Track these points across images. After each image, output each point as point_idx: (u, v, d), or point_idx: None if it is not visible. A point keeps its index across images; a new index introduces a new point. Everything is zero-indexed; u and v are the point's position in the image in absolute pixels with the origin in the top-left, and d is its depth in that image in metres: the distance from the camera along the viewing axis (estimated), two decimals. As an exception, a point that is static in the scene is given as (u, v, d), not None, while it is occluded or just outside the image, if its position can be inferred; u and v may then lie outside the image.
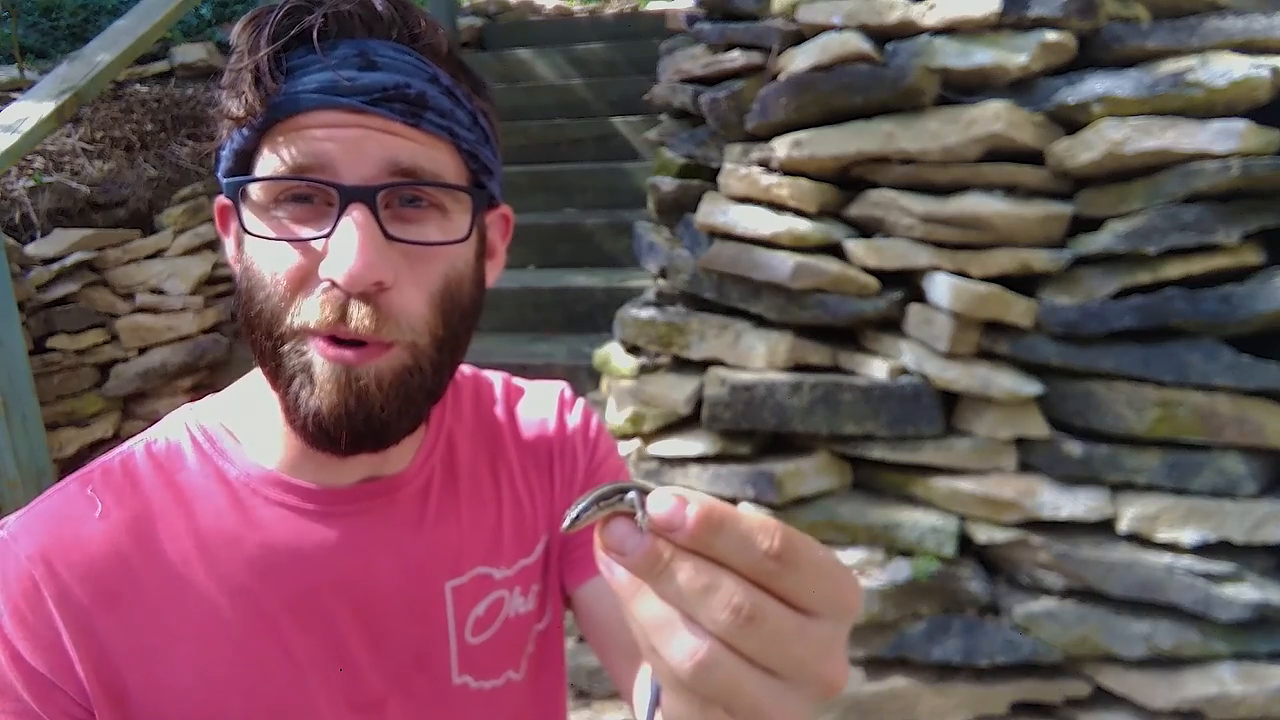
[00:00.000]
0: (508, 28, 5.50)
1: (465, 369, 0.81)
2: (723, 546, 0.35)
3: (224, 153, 0.63)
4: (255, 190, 0.60)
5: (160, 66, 3.88)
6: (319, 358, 0.59)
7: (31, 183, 2.98)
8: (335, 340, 0.59)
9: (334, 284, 0.58)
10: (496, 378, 0.84)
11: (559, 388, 0.84)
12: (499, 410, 0.81)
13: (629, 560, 0.36)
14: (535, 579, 0.77)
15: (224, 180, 0.62)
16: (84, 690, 0.60)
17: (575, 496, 0.78)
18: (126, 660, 0.61)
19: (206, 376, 3.42)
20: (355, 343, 0.59)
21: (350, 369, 0.59)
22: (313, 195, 0.59)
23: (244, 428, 0.69)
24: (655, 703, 0.43)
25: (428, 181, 0.60)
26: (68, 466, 2.98)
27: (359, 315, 0.58)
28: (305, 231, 0.59)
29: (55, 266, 2.90)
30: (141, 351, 3.20)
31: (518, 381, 0.85)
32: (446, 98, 0.62)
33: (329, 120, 0.58)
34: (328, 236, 0.58)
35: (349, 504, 0.68)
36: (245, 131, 0.60)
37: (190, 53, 3.89)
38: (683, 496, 0.35)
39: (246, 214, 0.61)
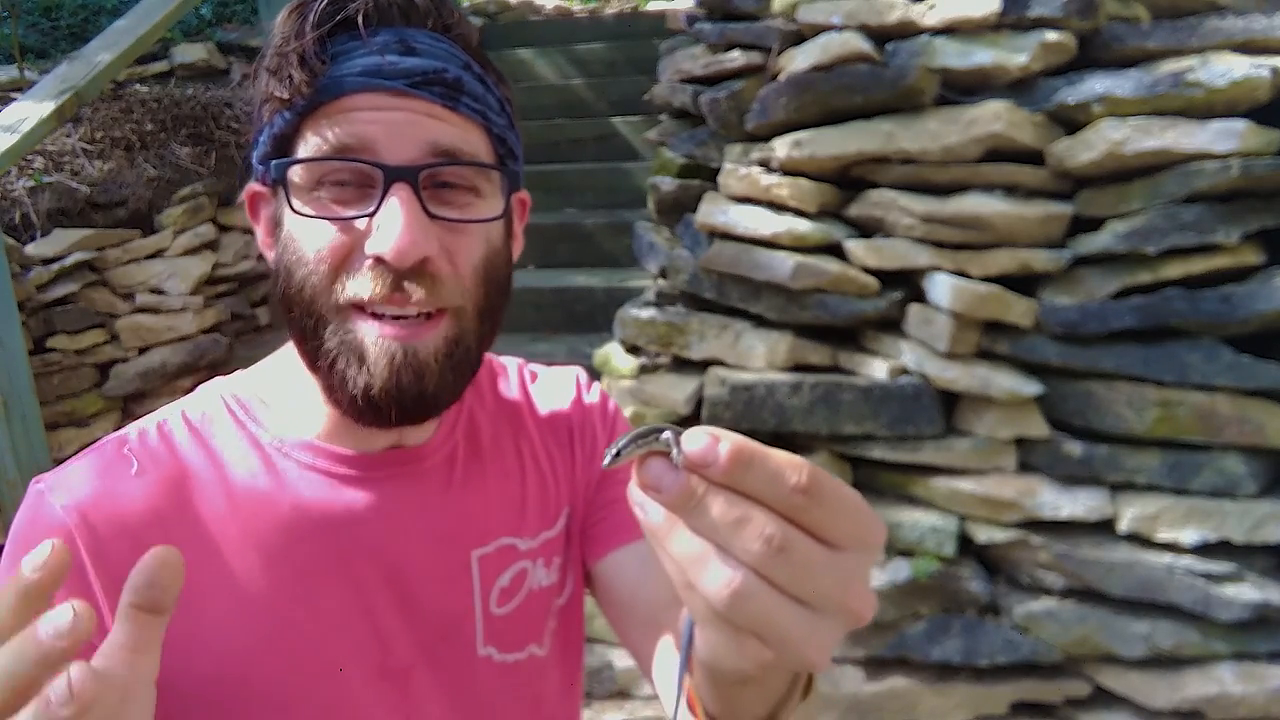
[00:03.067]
0: (508, 28, 5.49)
1: None
2: (754, 482, 0.36)
3: (262, 137, 0.65)
4: (298, 172, 0.62)
5: (160, 66, 3.88)
6: (371, 335, 0.61)
7: (31, 183, 2.98)
8: (385, 317, 0.61)
9: (380, 260, 0.60)
10: (512, 362, 0.86)
11: (574, 371, 0.87)
12: (517, 392, 0.83)
13: (665, 496, 0.37)
14: (557, 552, 0.78)
15: (269, 164, 0.64)
16: None
17: (595, 473, 0.79)
18: None
19: (206, 376, 3.33)
20: (403, 318, 0.62)
21: (407, 345, 0.61)
22: (353, 178, 0.62)
23: (277, 397, 0.71)
24: (689, 641, 0.44)
25: (467, 161, 0.63)
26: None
27: (412, 287, 0.61)
28: (348, 211, 0.61)
29: (55, 266, 2.90)
30: (141, 351, 3.20)
31: (533, 366, 0.87)
32: (479, 84, 0.65)
33: (372, 103, 0.61)
34: (372, 215, 0.60)
35: (379, 469, 0.70)
36: (287, 115, 0.62)
37: (190, 53, 3.89)
38: (715, 435, 0.36)
39: (290, 195, 0.63)
